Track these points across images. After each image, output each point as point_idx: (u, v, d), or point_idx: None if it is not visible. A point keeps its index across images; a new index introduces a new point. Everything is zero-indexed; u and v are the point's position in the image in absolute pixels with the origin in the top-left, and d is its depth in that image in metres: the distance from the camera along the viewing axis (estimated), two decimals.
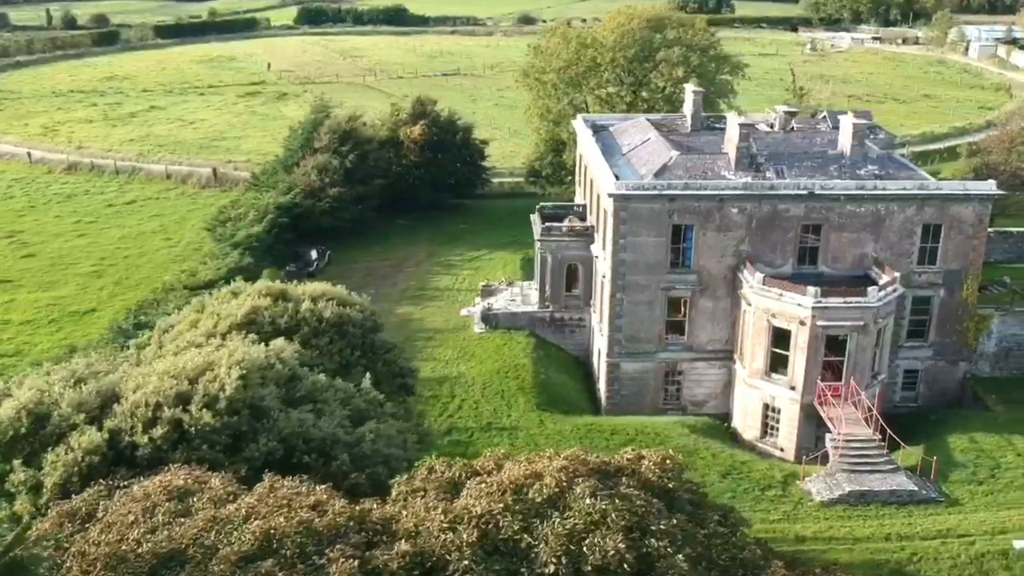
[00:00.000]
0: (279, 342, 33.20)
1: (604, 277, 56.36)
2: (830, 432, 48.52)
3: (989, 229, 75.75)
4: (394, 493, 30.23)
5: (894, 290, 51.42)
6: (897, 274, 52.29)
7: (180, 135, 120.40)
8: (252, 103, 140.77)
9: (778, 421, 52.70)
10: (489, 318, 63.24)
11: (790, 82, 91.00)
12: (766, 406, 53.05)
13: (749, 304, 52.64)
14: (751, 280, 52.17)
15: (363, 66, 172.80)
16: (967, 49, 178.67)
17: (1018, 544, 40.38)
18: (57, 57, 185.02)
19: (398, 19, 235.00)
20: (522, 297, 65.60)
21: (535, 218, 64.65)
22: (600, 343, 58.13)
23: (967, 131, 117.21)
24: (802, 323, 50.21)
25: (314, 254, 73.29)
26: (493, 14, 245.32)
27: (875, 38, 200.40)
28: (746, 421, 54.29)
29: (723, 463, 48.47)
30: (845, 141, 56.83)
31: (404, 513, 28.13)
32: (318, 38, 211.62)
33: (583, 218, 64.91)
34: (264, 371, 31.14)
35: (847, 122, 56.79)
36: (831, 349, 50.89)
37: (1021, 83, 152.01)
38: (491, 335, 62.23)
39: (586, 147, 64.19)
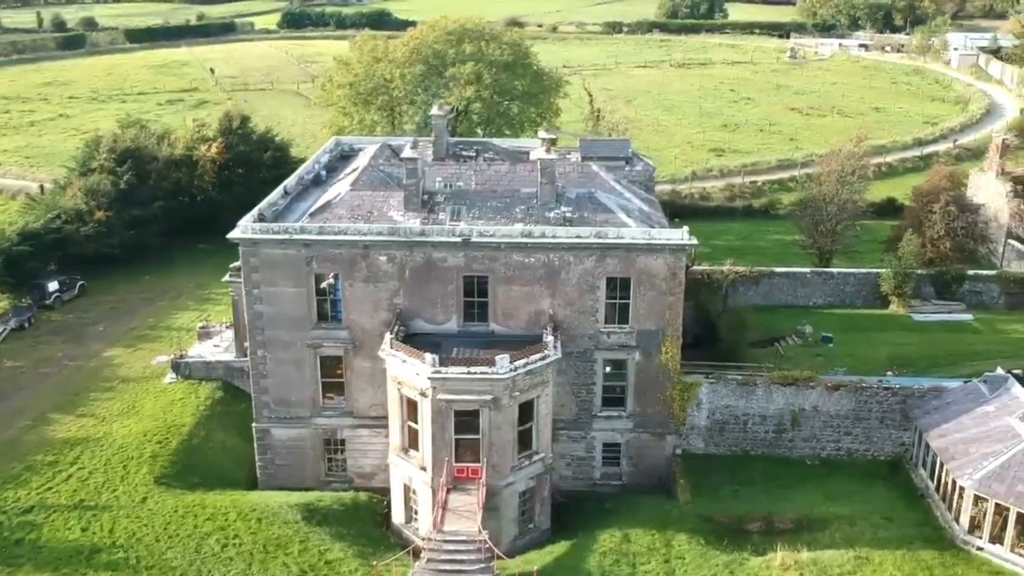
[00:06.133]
0: None
1: None
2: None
3: (807, 270, 67.78)
4: None
5: (542, 358, 43.63)
6: (549, 339, 44.55)
7: (63, 146, 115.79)
8: (165, 111, 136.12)
9: (419, 504, 45.31)
10: (181, 367, 56.71)
11: (587, 103, 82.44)
12: (406, 487, 45.74)
13: (386, 369, 45.38)
14: (384, 341, 44.91)
15: (310, 72, 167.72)
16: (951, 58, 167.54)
17: None
18: (12, 61, 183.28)
19: (381, 23, 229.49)
20: (233, 342, 58.92)
21: None
22: None
23: (886, 149, 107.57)
24: (423, 394, 42.87)
25: (53, 285, 67.44)
26: (487, 18, 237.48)
27: (862, 45, 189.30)
28: (396, 502, 47.00)
29: (305, 562, 41.47)
30: (537, 179, 49.17)
31: None
32: (288, 43, 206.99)
33: None
34: None
35: (536, 156, 49.10)
36: (465, 425, 43.39)
37: (984, 93, 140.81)
38: (176, 387, 55.82)
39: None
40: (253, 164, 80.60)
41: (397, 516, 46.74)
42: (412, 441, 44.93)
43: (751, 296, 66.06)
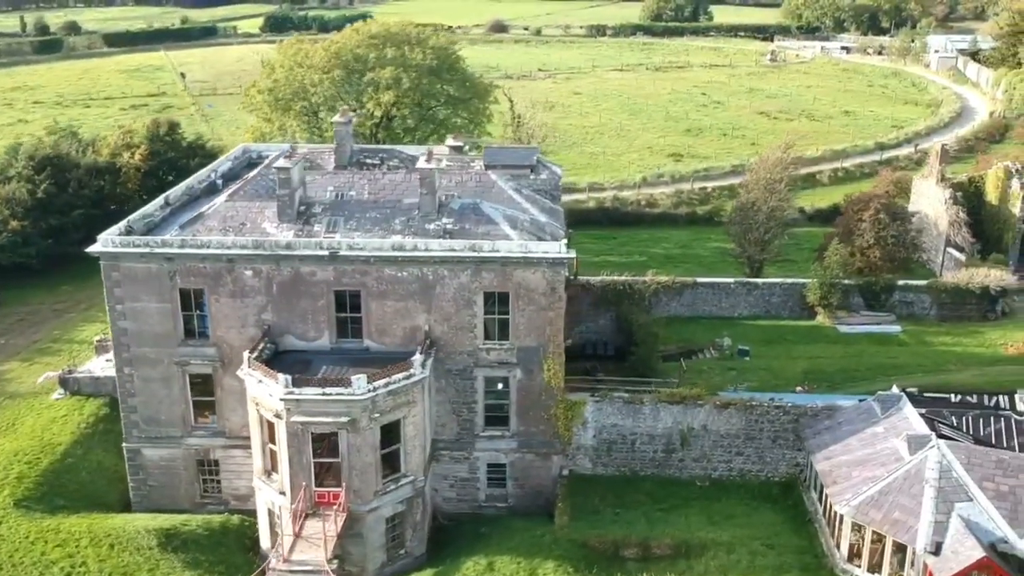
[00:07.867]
0: None
1: None
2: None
3: (731, 280, 65.74)
4: None
5: (405, 377, 41.68)
6: (417, 357, 42.59)
7: None
8: (126, 117, 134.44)
9: (283, 530, 43.30)
10: (69, 383, 54.86)
11: (507, 110, 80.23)
12: (271, 512, 43.82)
13: (247, 388, 43.48)
14: (244, 360, 43.03)
15: None
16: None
17: None
18: None
19: None
20: None
21: None
22: None
23: (846, 154, 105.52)
24: (278, 416, 40.99)
25: None
26: (475, 22, 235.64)
27: (844, 48, 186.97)
28: (263, 527, 45.08)
29: None
30: (417, 189, 47.27)
31: None
32: (266, 47, 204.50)
33: None
34: None
35: (420, 165, 47.22)
36: (327, 448, 41.51)
37: (959, 96, 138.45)
38: (61, 404, 53.92)
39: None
40: (182, 171, 78.52)
41: (264, 541, 44.83)
42: (273, 464, 43.04)
43: (675, 307, 64.17)
